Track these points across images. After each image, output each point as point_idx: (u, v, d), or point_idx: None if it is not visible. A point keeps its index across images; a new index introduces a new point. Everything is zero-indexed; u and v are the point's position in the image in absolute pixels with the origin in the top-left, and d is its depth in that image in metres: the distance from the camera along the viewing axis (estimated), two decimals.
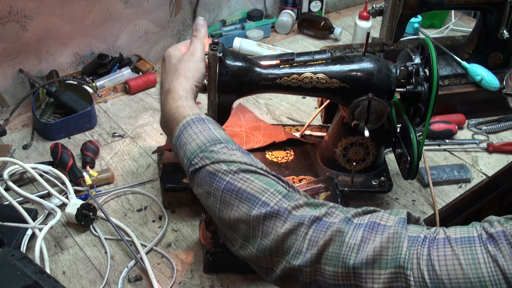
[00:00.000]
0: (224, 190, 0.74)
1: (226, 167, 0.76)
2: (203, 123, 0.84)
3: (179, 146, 0.83)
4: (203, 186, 0.77)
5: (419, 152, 1.03)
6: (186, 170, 0.81)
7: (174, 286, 0.99)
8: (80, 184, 1.15)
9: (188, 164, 0.79)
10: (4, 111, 1.41)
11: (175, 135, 0.84)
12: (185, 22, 1.69)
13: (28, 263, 0.82)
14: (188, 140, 0.82)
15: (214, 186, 0.75)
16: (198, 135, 0.82)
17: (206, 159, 0.77)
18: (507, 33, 1.36)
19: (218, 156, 0.77)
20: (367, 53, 1.04)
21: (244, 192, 0.73)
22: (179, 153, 0.83)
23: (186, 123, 0.84)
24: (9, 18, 1.32)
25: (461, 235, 0.61)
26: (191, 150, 0.80)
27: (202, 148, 0.79)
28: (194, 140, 0.81)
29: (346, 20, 1.97)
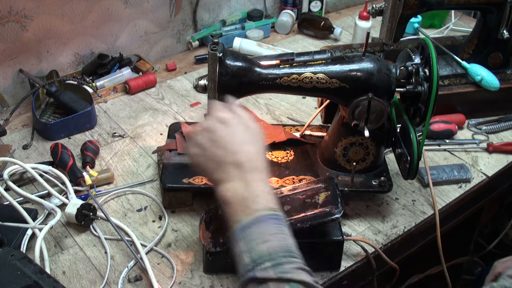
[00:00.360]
0: None
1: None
2: (277, 223, 0.77)
3: (243, 237, 0.75)
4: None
5: (419, 152, 1.03)
6: (243, 269, 0.74)
7: (174, 286, 0.99)
8: (80, 184, 1.15)
9: (250, 266, 0.73)
10: (4, 111, 1.41)
11: (242, 222, 0.76)
12: (185, 22, 1.69)
13: (28, 263, 0.82)
14: (258, 238, 0.75)
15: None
16: (271, 238, 0.75)
17: (273, 272, 0.71)
18: (507, 33, 1.36)
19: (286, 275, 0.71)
20: (367, 53, 1.04)
21: None
22: (239, 244, 0.75)
23: (261, 216, 0.76)
24: (9, 18, 1.32)
25: None
26: (258, 252, 0.73)
27: (273, 256, 0.73)
28: (265, 242, 0.74)
29: (346, 20, 1.97)
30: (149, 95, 1.51)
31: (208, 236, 0.98)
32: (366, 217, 1.15)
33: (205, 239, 0.98)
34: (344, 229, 1.10)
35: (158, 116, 1.42)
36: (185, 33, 1.71)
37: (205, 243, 0.97)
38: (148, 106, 1.46)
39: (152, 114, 1.43)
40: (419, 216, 1.16)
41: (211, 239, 0.97)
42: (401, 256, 1.19)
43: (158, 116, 1.42)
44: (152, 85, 1.53)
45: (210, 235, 0.98)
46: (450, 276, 1.25)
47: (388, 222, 1.14)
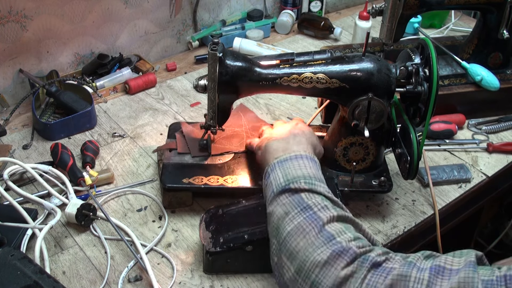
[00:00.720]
0: (306, 218, 0.77)
1: (320, 200, 0.80)
2: (315, 163, 0.90)
3: (280, 166, 0.87)
4: (285, 206, 0.80)
5: (419, 152, 1.03)
6: (276, 186, 0.84)
7: (174, 286, 0.99)
8: (80, 184, 1.15)
9: (284, 184, 0.83)
10: (4, 111, 1.41)
11: (280, 158, 0.89)
12: (185, 22, 1.69)
13: (28, 263, 0.82)
14: (295, 166, 0.86)
15: (298, 210, 0.78)
16: (309, 168, 0.86)
17: (306, 185, 0.81)
18: (507, 33, 1.36)
19: (318, 189, 0.82)
20: (367, 53, 1.04)
21: (324, 230, 0.75)
22: (275, 171, 0.87)
23: (302, 155, 0.89)
24: (9, 18, 1.32)
25: None
26: (294, 175, 0.84)
27: (307, 178, 0.83)
28: (302, 170, 0.86)
29: (346, 20, 1.97)
30: (149, 95, 1.51)
31: (208, 236, 0.98)
32: (366, 217, 1.15)
33: (205, 239, 0.98)
34: None
35: (158, 116, 1.42)
36: (185, 33, 1.71)
37: (205, 243, 0.97)
38: (148, 106, 1.46)
39: (152, 114, 1.43)
40: (419, 216, 1.16)
41: (211, 239, 0.97)
42: None
43: (158, 116, 1.42)
44: (152, 85, 1.53)
45: (210, 235, 0.98)
46: None
47: (388, 222, 1.14)
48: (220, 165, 1.15)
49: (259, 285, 1.00)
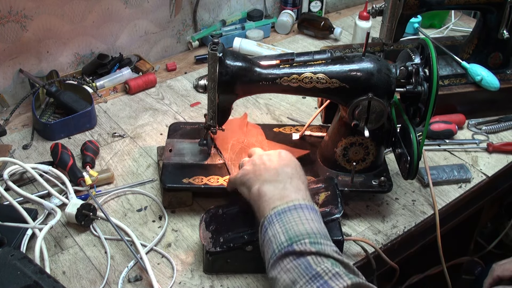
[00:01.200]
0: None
1: (329, 265, 0.72)
2: (316, 213, 0.82)
3: (279, 220, 0.79)
4: (291, 274, 0.73)
5: (419, 152, 1.03)
6: (277, 247, 0.76)
7: (174, 286, 0.99)
8: (80, 184, 1.15)
9: (286, 244, 0.75)
10: (4, 111, 1.41)
11: (278, 208, 0.81)
12: (185, 22, 1.69)
13: (28, 263, 0.82)
14: (296, 220, 0.78)
15: (306, 280, 0.71)
16: (310, 222, 0.79)
17: (312, 247, 0.74)
18: (507, 33, 1.36)
19: (325, 250, 0.74)
20: (367, 53, 1.04)
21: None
22: (273, 227, 0.79)
23: (299, 205, 0.81)
24: (9, 18, 1.32)
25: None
26: (296, 232, 0.76)
27: (311, 235, 0.76)
28: (304, 224, 0.78)
29: (346, 20, 1.97)
30: (149, 95, 1.51)
31: (208, 236, 0.98)
32: (366, 217, 1.15)
33: (205, 239, 0.98)
34: (344, 229, 1.10)
35: (158, 116, 1.42)
36: (185, 33, 1.71)
37: (205, 243, 0.97)
38: (148, 106, 1.46)
39: (152, 114, 1.43)
40: (419, 216, 1.16)
41: (211, 239, 0.97)
42: (401, 256, 1.19)
43: (158, 116, 1.42)
44: (152, 85, 1.53)
45: (210, 235, 0.98)
46: (450, 276, 1.25)
47: (388, 222, 1.14)
48: (220, 165, 1.15)
49: (259, 285, 0.99)
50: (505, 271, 1.02)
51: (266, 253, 0.79)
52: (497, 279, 1.03)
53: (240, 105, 1.47)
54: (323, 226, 0.82)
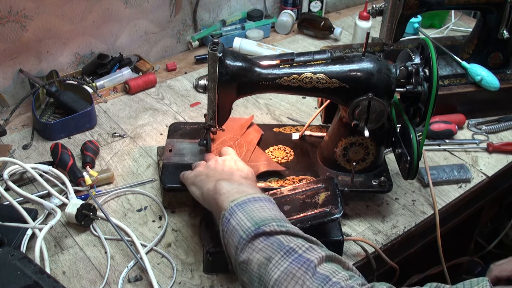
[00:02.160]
0: (293, 262, 0.71)
1: (301, 241, 0.74)
2: (275, 206, 0.85)
3: (241, 209, 0.80)
4: (264, 252, 0.73)
5: (419, 152, 1.03)
6: (244, 232, 0.77)
7: (174, 286, 0.99)
8: (80, 184, 1.15)
9: (252, 226, 0.76)
10: (4, 111, 1.41)
11: (237, 200, 0.83)
12: (185, 22, 1.69)
13: (28, 263, 0.82)
14: (258, 209, 0.80)
15: (282, 254, 0.72)
16: (272, 210, 0.81)
17: (281, 227, 0.75)
18: (507, 33, 1.36)
19: (294, 230, 0.76)
20: (367, 53, 1.04)
21: (318, 273, 0.70)
22: (235, 216, 0.80)
23: (260, 197, 0.83)
24: (9, 18, 1.32)
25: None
26: (261, 217, 0.78)
27: (276, 220, 0.77)
28: (267, 212, 0.80)
29: (346, 20, 1.97)
30: (149, 95, 1.51)
31: (208, 236, 0.98)
32: (366, 217, 1.15)
33: (205, 239, 0.98)
34: (344, 229, 1.10)
35: (158, 116, 1.42)
36: (185, 33, 1.71)
37: (205, 243, 0.97)
38: (148, 106, 1.46)
39: (152, 114, 1.43)
40: (419, 216, 1.16)
41: (211, 239, 0.97)
42: (401, 256, 1.19)
43: (158, 116, 1.42)
44: (152, 85, 1.53)
45: (210, 235, 0.98)
46: (450, 276, 1.25)
47: (388, 222, 1.14)
48: None
49: None
50: (502, 271, 1.02)
51: (231, 242, 0.79)
52: (495, 280, 1.03)
53: (240, 105, 1.47)
54: (283, 215, 0.84)
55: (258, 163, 1.17)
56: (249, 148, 1.21)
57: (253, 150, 1.21)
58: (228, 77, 1.01)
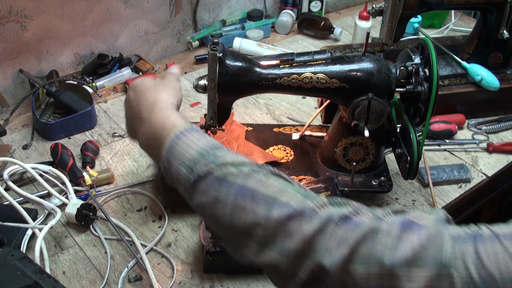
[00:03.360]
0: (237, 195, 0.68)
1: (236, 169, 0.71)
2: (197, 132, 0.79)
3: (173, 156, 0.76)
4: (209, 194, 0.71)
5: (419, 152, 1.03)
6: (185, 181, 0.74)
7: (174, 286, 0.99)
8: (80, 184, 1.15)
9: (189, 173, 0.73)
10: (4, 111, 1.41)
11: (166, 146, 0.78)
12: (185, 22, 1.69)
13: (28, 263, 0.82)
14: (185, 148, 0.76)
15: (225, 191, 0.69)
16: (196, 142, 0.76)
17: (211, 163, 0.72)
18: (507, 33, 1.36)
19: (224, 158, 0.73)
20: (367, 53, 1.04)
21: (261, 194, 0.67)
22: (172, 165, 0.76)
23: (179, 133, 0.78)
24: (9, 18, 1.32)
25: (509, 230, 0.57)
26: (189, 157, 0.74)
27: (204, 153, 0.74)
28: (192, 148, 0.75)
29: (346, 20, 1.97)
30: None
31: (208, 236, 0.98)
32: None
33: (205, 239, 0.98)
34: None
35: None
36: (185, 33, 1.71)
37: (205, 243, 0.97)
38: None
39: None
40: None
41: (211, 239, 0.97)
42: None
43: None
44: None
45: (210, 235, 0.98)
46: None
47: None
48: None
49: (259, 285, 1.00)
50: None
51: (180, 189, 0.78)
52: None
53: (240, 105, 1.47)
54: (208, 137, 0.79)
55: (254, 156, 1.18)
56: (239, 144, 1.22)
57: (243, 144, 1.21)
58: (228, 77, 1.01)
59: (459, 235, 0.59)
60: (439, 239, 0.58)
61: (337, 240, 0.62)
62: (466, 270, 0.55)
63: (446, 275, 0.56)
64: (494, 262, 0.54)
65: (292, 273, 0.65)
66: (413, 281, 0.57)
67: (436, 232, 0.59)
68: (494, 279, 0.54)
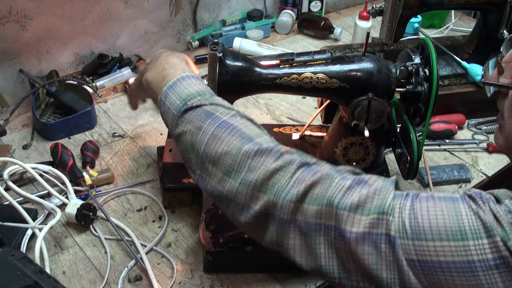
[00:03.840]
0: (218, 126, 0.75)
1: (225, 109, 0.78)
2: (201, 81, 0.87)
3: (172, 91, 0.83)
4: (193, 123, 0.78)
5: (419, 152, 1.03)
6: (176, 109, 0.81)
7: (174, 286, 0.99)
8: (80, 184, 1.15)
9: (182, 105, 0.80)
10: (4, 111, 1.41)
11: (169, 83, 0.85)
12: (185, 22, 1.69)
13: (28, 263, 0.82)
14: (185, 86, 0.83)
15: (208, 122, 0.76)
16: (197, 85, 0.83)
17: (205, 100, 0.79)
18: (507, 33, 1.36)
19: (218, 101, 0.80)
20: (367, 53, 1.04)
21: (239, 130, 0.75)
22: (168, 97, 0.83)
23: (186, 76, 0.85)
24: (9, 18, 1.32)
25: (444, 195, 0.66)
26: (187, 93, 0.81)
27: (201, 93, 0.81)
28: (193, 87, 0.83)
29: (346, 20, 1.97)
30: None
31: (208, 236, 0.98)
32: None
33: (205, 239, 0.98)
34: None
35: (158, 116, 1.42)
36: (185, 33, 1.71)
37: (205, 243, 0.97)
38: (148, 106, 1.46)
39: (152, 114, 1.43)
40: None
41: (211, 239, 0.97)
42: None
43: (158, 116, 1.42)
44: None
45: (210, 235, 0.98)
46: None
47: None
48: None
49: (259, 285, 1.00)
50: None
51: (169, 121, 0.83)
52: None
53: (240, 105, 1.47)
54: (209, 88, 0.86)
55: None
56: None
57: None
58: (228, 77, 1.01)
59: (401, 193, 0.66)
60: (384, 193, 0.66)
61: (294, 180, 0.69)
62: (401, 218, 0.63)
63: (384, 220, 0.63)
64: (426, 216, 0.62)
65: (247, 204, 0.71)
66: (355, 225, 0.64)
67: (383, 187, 0.67)
68: (423, 228, 0.62)
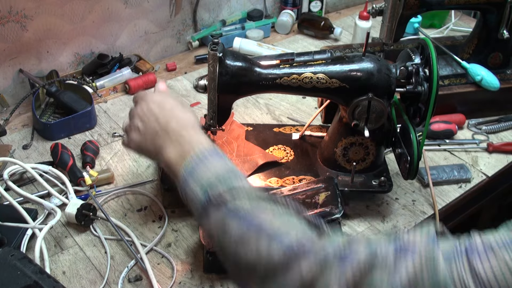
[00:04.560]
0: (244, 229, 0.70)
1: (249, 203, 0.72)
2: (219, 155, 0.81)
3: (191, 177, 0.79)
4: (218, 223, 0.73)
5: (419, 152, 1.03)
6: (199, 204, 0.77)
7: (174, 286, 0.99)
8: (80, 184, 1.15)
9: (203, 197, 0.76)
10: (4, 111, 1.41)
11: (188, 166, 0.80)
12: (185, 22, 1.69)
13: (28, 263, 0.82)
14: (205, 171, 0.78)
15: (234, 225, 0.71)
16: (215, 166, 0.78)
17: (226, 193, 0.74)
18: (507, 33, 1.36)
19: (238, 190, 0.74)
20: (367, 53, 1.04)
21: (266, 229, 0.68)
22: (189, 185, 0.79)
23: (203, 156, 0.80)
24: (9, 18, 1.32)
25: (501, 239, 0.57)
26: (207, 179, 0.77)
27: (221, 179, 0.76)
28: (211, 171, 0.78)
29: (346, 20, 1.97)
30: None
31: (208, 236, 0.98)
32: (366, 217, 1.15)
33: (205, 239, 0.98)
34: (344, 229, 1.10)
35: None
36: (185, 33, 1.71)
37: (205, 243, 0.97)
38: None
39: None
40: (419, 216, 1.16)
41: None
42: None
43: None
44: (152, 85, 1.53)
45: None
46: None
47: (388, 222, 1.14)
48: None
49: None
50: None
51: (193, 209, 0.80)
52: None
53: (240, 105, 1.47)
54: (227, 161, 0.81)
55: (254, 156, 1.18)
56: (239, 144, 1.22)
57: (243, 144, 1.21)
58: (228, 77, 1.01)
59: (451, 251, 0.59)
60: (432, 262, 0.58)
61: (335, 279, 0.61)
62: (465, 286, 0.55)
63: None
64: (490, 273, 0.54)
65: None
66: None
67: (429, 255, 0.59)
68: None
